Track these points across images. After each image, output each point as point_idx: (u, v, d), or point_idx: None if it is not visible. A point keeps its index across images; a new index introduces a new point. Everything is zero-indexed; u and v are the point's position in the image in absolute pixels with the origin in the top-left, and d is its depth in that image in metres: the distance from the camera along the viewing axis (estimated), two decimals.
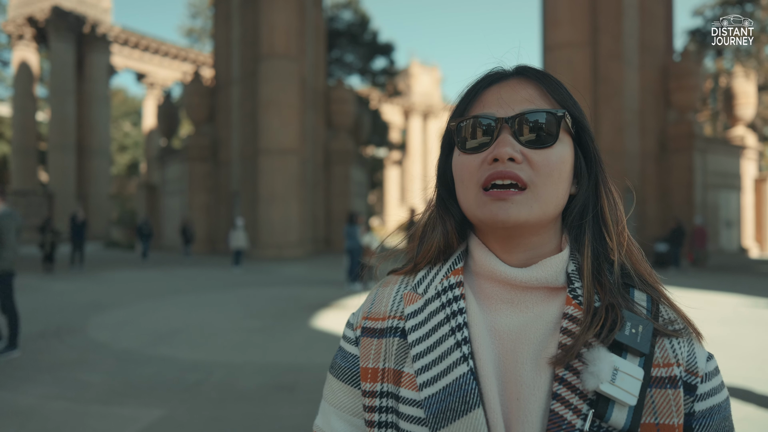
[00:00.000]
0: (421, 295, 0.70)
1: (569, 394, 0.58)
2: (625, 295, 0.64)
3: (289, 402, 4.30)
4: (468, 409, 0.59)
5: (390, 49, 31.93)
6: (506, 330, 0.65)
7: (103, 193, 33.81)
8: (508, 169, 0.63)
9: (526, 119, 0.64)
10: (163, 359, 5.59)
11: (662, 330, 0.62)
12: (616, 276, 0.65)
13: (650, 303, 0.64)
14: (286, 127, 18.98)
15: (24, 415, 3.99)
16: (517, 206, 0.62)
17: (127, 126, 49.04)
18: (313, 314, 8.21)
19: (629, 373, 0.58)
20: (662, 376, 0.60)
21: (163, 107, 24.99)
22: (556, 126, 0.64)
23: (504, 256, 0.67)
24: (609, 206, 0.69)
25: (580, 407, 0.57)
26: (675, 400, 0.59)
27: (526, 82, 0.68)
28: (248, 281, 12.64)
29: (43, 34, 32.73)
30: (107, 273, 14.50)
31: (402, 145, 40.85)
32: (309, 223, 21.16)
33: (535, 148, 0.63)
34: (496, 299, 0.67)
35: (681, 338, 0.62)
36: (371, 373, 0.68)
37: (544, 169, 0.63)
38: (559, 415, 0.57)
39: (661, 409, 0.58)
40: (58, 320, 7.70)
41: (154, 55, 39.20)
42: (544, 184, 0.63)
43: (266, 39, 18.99)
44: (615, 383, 0.57)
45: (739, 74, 22.37)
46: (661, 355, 0.61)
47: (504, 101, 0.66)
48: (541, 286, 0.65)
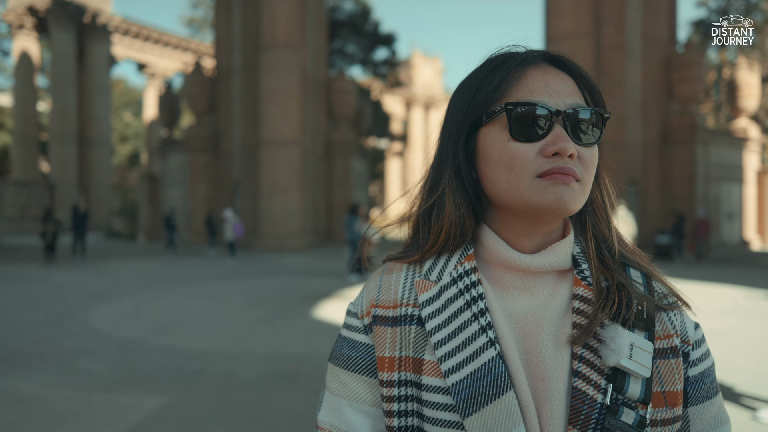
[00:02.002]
0: (434, 282, 0.69)
1: (589, 370, 0.62)
2: (624, 275, 0.68)
3: (290, 391, 4.32)
4: (500, 392, 0.61)
5: (391, 40, 31.78)
6: (521, 314, 0.66)
7: (104, 184, 33.83)
8: (569, 165, 0.63)
9: (578, 115, 0.64)
10: (165, 349, 5.62)
11: (660, 305, 0.67)
12: (617, 257, 0.70)
13: (645, 279, 0.70)
14: (288, 117, 18.94)
15: (27, 403, 4.01)
16: (575, 194, 0.64)
17: (128, 116, 48.97)
18: (314, 304, 8.23)
19: (643, 348, 0.63)
20: (665, 347, 0.65)
21: (164, 98, 24.94)
22: (602, 125, 0.67)
23: (518, 242, 0.68)
24: (606, 193, 0.73)
25: (599, 383, 0.61)
26: (677, 368, 0.65)
27: (563, 72, 0.68)
28: (249, 272, 12.67)
29: (44, 24, 32.62)
30: (109, 263, 14.54)
31: (403, 136, 40.78)
32: (310, 214, 21.17)
33: (583, 144, 0.65)
34: (509, 285, 0.68)
35: (675, 310, 0.68)
36: (388, 362, 0.68)
37: (590, 166, 0.65)
38: (582, 391, 0.61)
39: (666, 378, 0.64)
40: (59, 310, 7.73)
41: (155, 45, 39.07)
42: (588, 181, 0.66)
43: (267, 29, 18.91)
44: (633, 358, 0.61)
45: (742, 66, 22.24)
46: (662, 328, 0.66)
47: (552, 90, 0.65)
48: (549, 270, 0.68)
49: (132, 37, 37.74)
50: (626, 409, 0.61)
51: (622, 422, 0.60)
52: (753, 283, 10.26)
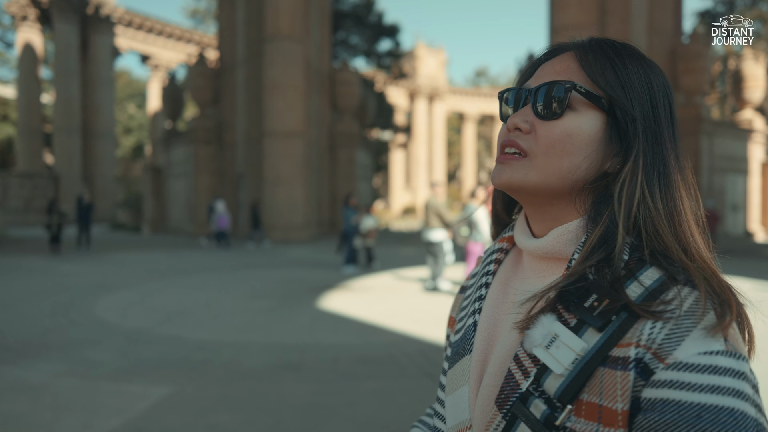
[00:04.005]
0: (483, 258, 0.83)
1: (524, 356, 0.61)
2: (616, 271, 0.58)
3: (295, 380, 4.36)
4: (464, 353, 0.72)
5: (395, 31, 31.62)
6: (513, 293, 0.71)
7: (108, 176, 33.89)
8: (511, 137, 0.66)
9: (539, 91, 0.65)
10: (171, 339, 5.66)
11: (637, 309, 0.55)
12: (617, 252, 0.59)
13: (657, 283, 0.58)
14: (291, 109, 18.93)
15: (35, 391, 4.06)
16: (511, 170, 0.65)
17: (131, 108, 48.97)
18: (319, 295, 8.27)
19: (568, 344, 0.57)
20: (618, 356, 0.55)
21: (167, 89, 24.92)
22: (561, 99, 0.64)
23: (532, 226, 0.71)
24: (647, 191, 0.62)
25: (530, 370, 0.60)
26: (622, 383, 0.54)
27: (571, 55, 0.68)
28: (253, 263, 12.71)
29: (47, 15, 32.56)
30: (114, 254, 14.61)
31: (407, 127, 40.67)
32: (314, 206, 21.19)
33: (543, 119, 0.65)
34: (526, 267, 0.72)
35: (664, 321, 0.55)
36: (450, 320, 0.85)
37: (544, 140, 0.64)
38: (511, 374, 0.62)
39: (607, 391, 0.54)
40: (66, 300, 7.79)
41: (158, 36, 39.00)
42: (544, 155, 0.64)
43: (271, 20, 18.86)
44: (549, 350, 0.58)
45: (748, 57, 22.09)
46: (629, 335, 0.55)
47: (543, 74, 0.68)
48: (550, 257, 0.67)
49: (135, 28, 37.68)
50: (538, 401, 0.58)
51: (529, 412, 0.58)
52: (758, 275, 10.25)
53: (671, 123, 0.66)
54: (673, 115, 0.67)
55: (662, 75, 0.67)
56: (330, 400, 3.92)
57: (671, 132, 0.66)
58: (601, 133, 0.64)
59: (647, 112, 0.64)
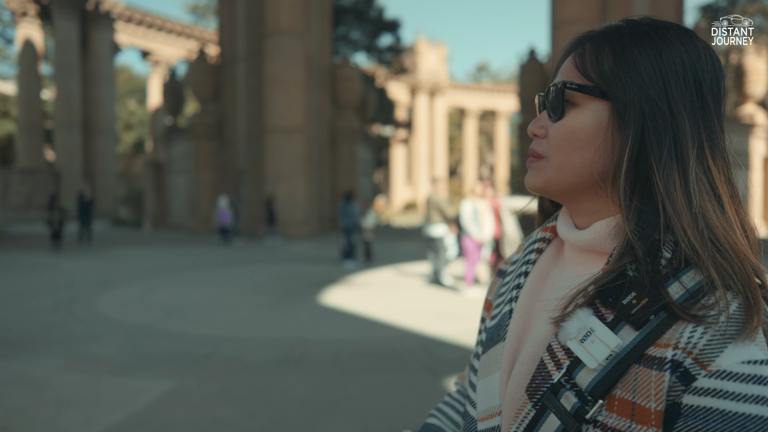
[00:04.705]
0: (524, 245, 0.84)
1: (558, 348, 0.61)
2: (656, 269, 0.57)
3: (296, 374, 4.37)
4: (498, 340, 0.74)
5: (396, 26, 31.54)
6: (552, 283, 0.72)
7: (109, 172, 33.90)
8: (532, 145, 0.70)
9: (547, 95, 0.68)
10: (173, 334, 5.68)
11: (678, 311, 0.55)
12: (653, 249, 0.58)
13: (698, 285, 0.56)
14: (292, 105, 18.91)
15: (38, 386, 4.08)
16: (533, 174, 0.69)
17: (132, 104, 48.95)
18: (319, 291, 8.28)
19: (602, 339, 0.57)
20: (654, 355, 0.55)
21: (168, 85, 24.90)
22: (559, 98, 0.66)
23: (574, 218, 0.72)
24: (666, 176, 0.60)
25: (563, 361, 0.60)
26: (656, 383, 0.53)
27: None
28: (254, 258, 12.73)
29: (47, 11, 32.51)
30: (115, 250, 14.63)
31: (408, 123, 40.62)
32: (315, 202, 21.19)
33: (552, 121, 0.67)
34: (567, 258, 0.72)
35: (705, 326, 0.54)
36: (486, 303, 0.86)
37: (552, 140, 0.66)
38: (544, 364, 0.62)
39: (640, 389, 0.54)
40: (67, 296, 7.80)
41: (158, 32, 38.94)
42: (555, 154, 0.66)
43: (271, 15, 18.82)
44: (583, 344, 0.58)
45: (750, 51, 22.03)
46: (669, 336, 0.55)
47: (559, 73, 0.69)
48: (591, 250, 0.67)
49: (135, 24, 37.61)
50: (569, 393, 0.58)
51: (559, 403, 0.58)
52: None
53: (700, 101, 0.61)
54: (701, 94, 0.61)
55: (689, 51, 0.62)
56: (331, 395, 3.93)
57: (695, 112, 0.61)
58: (607, 122, 0.63)
59: (654, 93, 0.61)
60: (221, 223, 16.53)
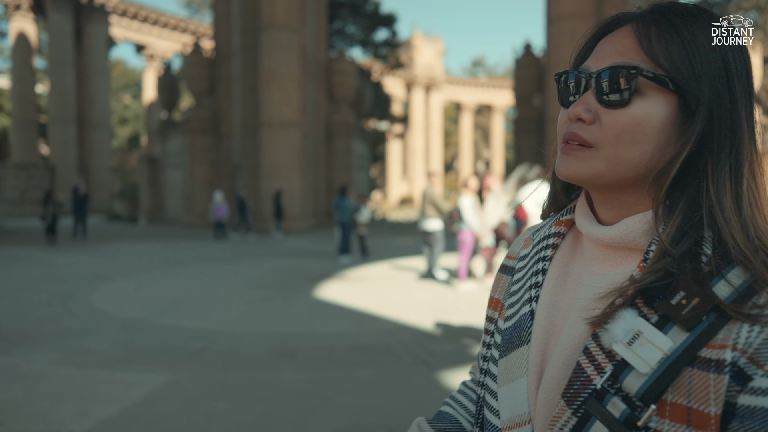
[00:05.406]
0: (533, 240, 0.77)
1: (597, 351, 0.58)
2: (698, 267, 0.55)
3: (291, 368, 4.38)
4: (520, 343, 0.68)
5: (392, 21, 31.46)
6: (575, 280, 0.67)
7: (104, 166, 33.77)
8: (573, 130, 0.62)
9: (602, 76, 0.60)
10: (167, 328, 5.68)
11: (729, 311, 0.52)
12: (697, 246, 0.56)
13: (747, 284, 0.54)
14: (287, 99, 18.86)
15: (32, 380, 4.08)
16: (577, 162, 0.61)
17: (127, 98, 48.70)
18: (314, 285, 8.29)
19: (653, 342, 0.54)
20: (710, 357, 0.52)
21: (163, 79, 24.79)
22: (627, 84, 0.58)
23: (599, 211, 0.66)
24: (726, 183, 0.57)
25: (603, 365, 0.57)
26: (715, 386, 0.51)
27: (630, 30, 0.62)
28: (250, 253, 12.73)
29: (41, 4, 32.27)
30: (110, 245, 14.60)
31: (404, 118, 40.58)
32: (310, 196, 21.17)
33: (608, 107, 0.60)
34: (587, 254, 0.68)
35: (762, 325, 0.51)
36: (492, 302, 0.79)
37: (611, 131, 0.59)
38: (582, 368, 0.58)
39: (696, 393, 0.51)
40: (62, 291, 7.79)
41: (153, 26, 38.72)
42: (612, 146, 0.59)
43: (267, 9, 18.74)
44: (631, 347, 0.54)
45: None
46: (723, 337, 0.52)
47: (603, 54, 0.62)
48: (621, 246, 0.63)
49: (130, 17, 37.38)
50: (616, 399, 0.55)
51: (606, 410, 0.55)
52: None
53: (748, 94, 0.59)
54: (750, 85, 0.59)
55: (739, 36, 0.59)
56: (325, 388, 3.95)
57: (748, 106, 0.59)
58: (674, 116, 0.59)
59: (721, 88, 0.58)
60: (217, 218, 16.55)
